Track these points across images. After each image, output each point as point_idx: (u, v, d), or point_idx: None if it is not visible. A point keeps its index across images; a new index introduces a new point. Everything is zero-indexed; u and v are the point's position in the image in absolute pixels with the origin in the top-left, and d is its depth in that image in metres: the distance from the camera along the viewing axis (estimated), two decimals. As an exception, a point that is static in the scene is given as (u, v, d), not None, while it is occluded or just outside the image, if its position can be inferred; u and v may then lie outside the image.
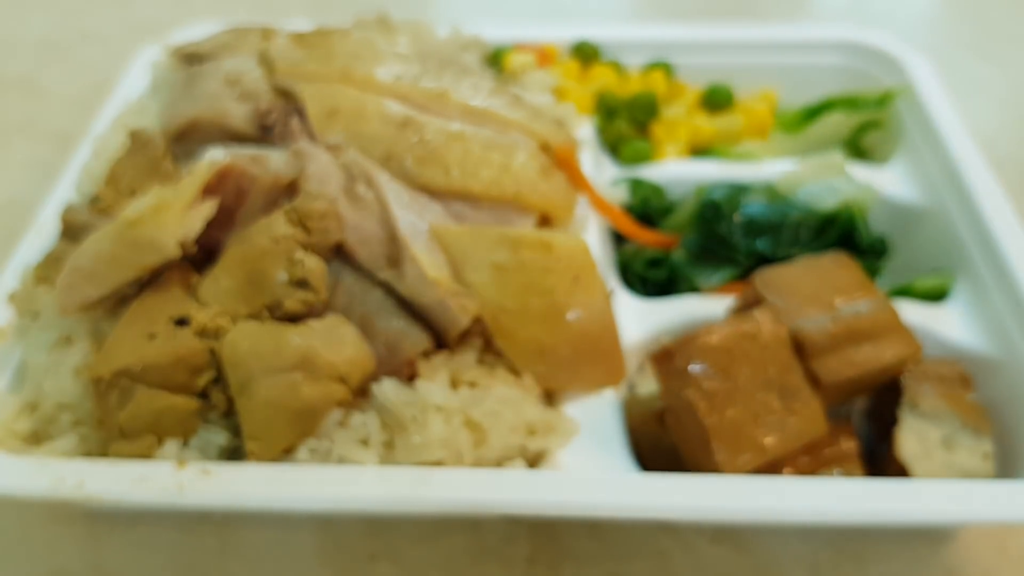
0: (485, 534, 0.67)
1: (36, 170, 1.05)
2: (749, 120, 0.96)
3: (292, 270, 0.60)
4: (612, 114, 0.94)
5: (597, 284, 0.62)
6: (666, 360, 0.60)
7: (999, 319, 0.69)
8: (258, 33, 0.85)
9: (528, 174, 0.71)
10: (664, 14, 1.38)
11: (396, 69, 0.77)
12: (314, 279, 0.60)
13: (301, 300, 0.60)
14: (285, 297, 0.60)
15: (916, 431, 0.62)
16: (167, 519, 0.68)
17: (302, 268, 0.60)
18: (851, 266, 0.67)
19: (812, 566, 0.65)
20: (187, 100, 0.76)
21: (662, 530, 0.67)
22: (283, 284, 0.60)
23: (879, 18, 1.35)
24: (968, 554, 0.66)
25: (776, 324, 0.61)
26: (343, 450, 0.58)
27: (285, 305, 0.60)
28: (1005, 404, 0.66)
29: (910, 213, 0.83)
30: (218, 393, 0.59)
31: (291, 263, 0.60)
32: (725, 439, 0.57)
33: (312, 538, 0.67)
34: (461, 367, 0.62)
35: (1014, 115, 1.13)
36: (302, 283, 0.60)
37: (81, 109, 1.10)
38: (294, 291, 0.60)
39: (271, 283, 0.60)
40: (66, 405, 0.61)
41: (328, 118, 0.71)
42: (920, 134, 0.86)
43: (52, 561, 0.66)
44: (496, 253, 0.61)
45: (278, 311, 0.60)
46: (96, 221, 0.66)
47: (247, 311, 0.60)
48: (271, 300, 0.60)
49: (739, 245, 0.78)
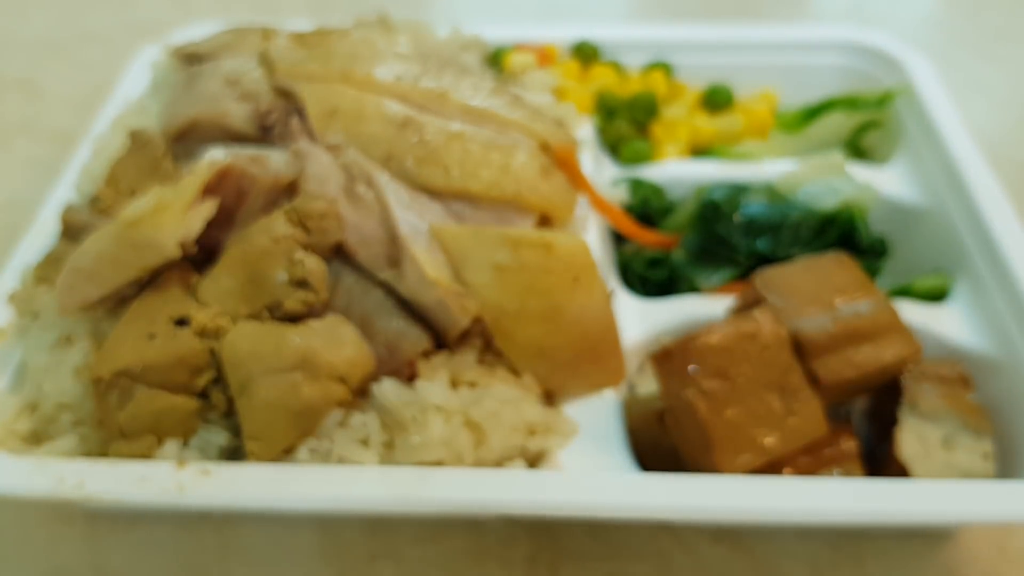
0: (485, 534, 0.67)
1: (36, 170, 1.05)
2: (749, 120, 0.96)
3: (292, 270, 0.60)
4: (612, 114, 0.94)
5: (598, 285, 0.62)
6: (666, 360, 0.60)
7: (999, 319, 0.69)
8: (258, 33, 0.85)
9: (528, 174, 0.71)
10: (664, 14, 1.38)
11: (396, 69, 0.77)
12: (314, 279, 0.60)
13: (301, 300, 0.60)
14: (285, 297, 0.60)
15: (916, 431, 0.62)
16: (167, 519, 0.68)
17: (302, 268, 0.60)
18: (851, 266, 0.67)
19: (812, 566, 0.65)
20: (187, 100, 0.76)
21: (662, 530, 0.67)
22: (283, 284, 0.60)
23: (879, 18, 1.35)
24: (968, 554, 0.66)
25: (776, 324, 0.61)
26: (343, 450, 0.58)
27: (285, 305, 0.60)
28: (1005, 404, 0.66)
29: (910, 213, 0.83)
30: (218, 393, 0.59)
31: (291, 263, 0.60)
32: (725, 439, 0.57)
33: (312, 538, 0.67)
34: (461, 367, 0.62)
35: (1014, 115, 1.13)
36: (302, 283, 0.60)
37: (81, 109, 1.10)
38: (294, 291, 0.60)
39: (271, 283, 0.60)
40: (66, 405, 0.62)
41: (328, 118, 0.71)
42: (920, 134, 0.87)
43: (52, 560, 0.66)
44: (496, 253, 0.61)
45: (278, 311, 0.60)
46: (96, 221, 0.66)
47: (247, 311, 0.60)
48: (271, 300, 0.60)
49: (739, 245, 0.78)
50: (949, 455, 0.61)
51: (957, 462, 0.61)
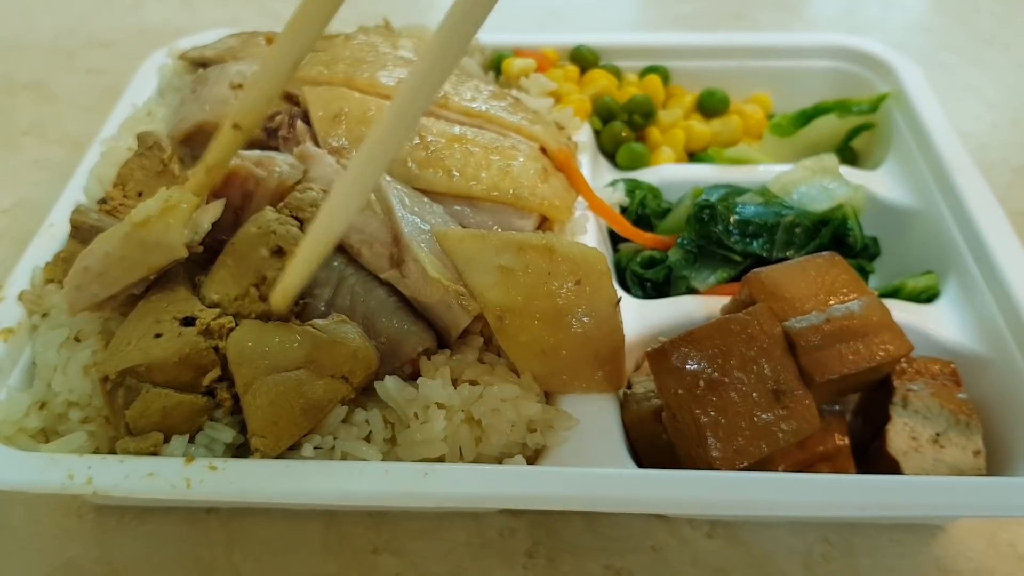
0: (485, 528, 0.68)
1: (46, 172, 1.06)
2: (744, 124, 0.98)
3: (268, 241, 0.60)
4: (610, 117, 0.95)
5: (602, 289, 0.63)
6: (661, 358, 0.61)
7: (988, 318, 0.70)
8: (263, 38, 0.86)
9: (528, 176, 0.72)
10: (661, 21, 1.39)
11: (399, 73, 0.78)
12: (287, 243, 0.60)
13: (280, 268, 0.60)
14: (267, 269, 0.60)
15: (907, 428, 0.63)
16: (174, 513, 0.69)
17: (276, 237, 0.60)
18: (843, 266, 0.68)
19: (805, 559, 0.66)
20: (194, 104, 0.77)
21: (658, 524, 0.68)
22: (264, 258, 0.60)
23: (871, 24, 1.36)
24: (958, 547, 0.67)
25: (770, 323, 0.62)
26: (347, 446, 0.59)
27: (268, 277, 0.60)
28: (994, 401, 0.67)
29: (901, 215, 0.84)
30: (224, 391, 0.60)
31: (267, 235, 0.60)
32: (719, 436, 0.58)
33: (316, 532, 0.68)
34: (462, 365, 0.63)
35: (1004, 119, 1.15)
36: (279, 251, 0.60)
37: (90, 113, 1.12)
38: (275, 262, 0.60)
39: (255, 260, 0.60)
40: (75, 402, 0.62)
41: (332, 121, 0.72)
42: (911, 138, 0.88)
43: (61, 554, 0.67)
44: (501, 256, 0.62)
45: (264, 286, 0.60)
46: (104, 222, 0.67)
47: (237, 292, 0.60)
48: (256, 277, 0.60)
49: (734, 246, 0.79)
50: (939, 452, 0.62)
51: (947, 458, 0.62)
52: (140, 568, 0.66)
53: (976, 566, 0.66)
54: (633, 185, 0.87)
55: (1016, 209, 0.82)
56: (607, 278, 0.63)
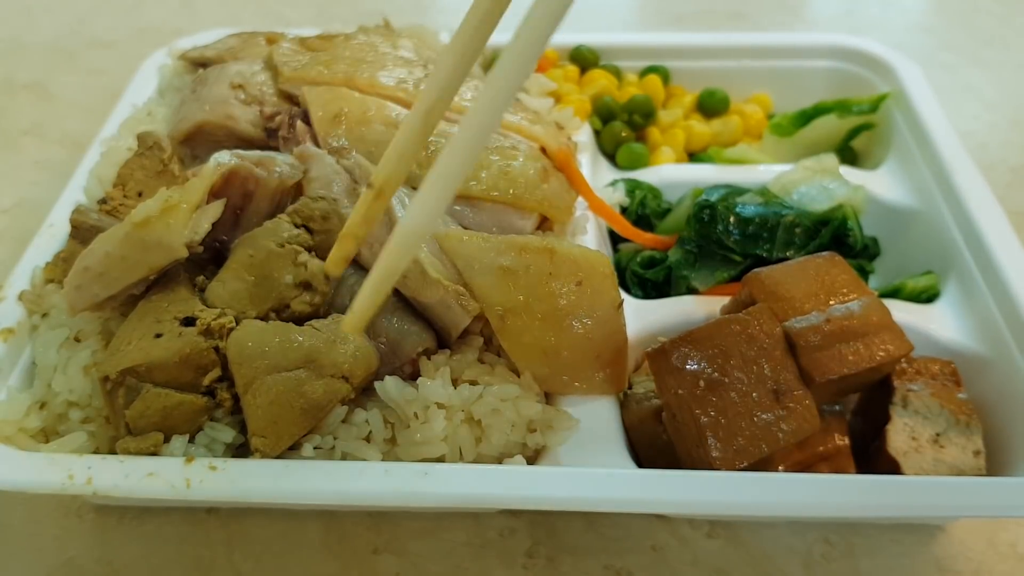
0: (485, 528, 0.68)
1: (46, 172, 1.06)
2: (744, 124, 0.98)
3: (297, 273, 0.61)
4: (610, 117, 0.95)
5: (604, 291, 0.63)
6: (661, 358, 0.61)
7: (988, 318, 0.70)
8: (264, 38, 0.87)
9: (528, 176, 0.72)
10: (661, 21, 1.39)
11: (399, 73, 0.78)
12: (318, 282, 0.61)
13: (307, 302, 0.61)
14: (292, 299, 0.61)
15: (907, 428, 0.63)
16: (174, 513, 0.69)
17: (305, 271, 0.61)
18: (843, 266, 0.68)
19: (805, 559, 0.66)
20: (194, 104, 0.77)
21: (658, 524, 0.68)
22: (289, 286, 0.61)
23: (871, 24, 1.37)
24: (958, 547, 0.67)
25: (770, 323, 0.62)
26: (347, 446, 0.59)
27: (292, 307, 0.61)
28: (994, 401, 0.67)
29: (901, 215, 0.84)
30: (224, 391, 0.60)
31: (296, 266, 0.61)
32: (719, 436, 0.58)
33: (317, 532, 0.68)
34: (462, 365, 0.63)
35: (1004, 119, 1.15)
36: (306, 285, 0.61)
37: (90, 113, 1.12)
38: (300, 293, 0.61)
39: (278, 286, 0.61)
40: (75, 402, 0.63)
41: (332, 121, 0.72)
42: (911, 138, 0.88)
43: (61, 554, 0.67)
44: (502, 257, 0.62)
45: (285, 313, 0.61)
46: (105, 222, 0.67)
47: (256, 313, 0.61)
48: (278, 302, 0.61)
49: (734, 246, 0.79)
50: (939, 452, 0.62)
51: (947, 459, 0.62)
52: (140, 568, 0.66)
53: (976, 566, 0.66)
54: (633, 185, 0.87)
55: (1016, 209, 0.83)
56: (610, 280, 0.63)
